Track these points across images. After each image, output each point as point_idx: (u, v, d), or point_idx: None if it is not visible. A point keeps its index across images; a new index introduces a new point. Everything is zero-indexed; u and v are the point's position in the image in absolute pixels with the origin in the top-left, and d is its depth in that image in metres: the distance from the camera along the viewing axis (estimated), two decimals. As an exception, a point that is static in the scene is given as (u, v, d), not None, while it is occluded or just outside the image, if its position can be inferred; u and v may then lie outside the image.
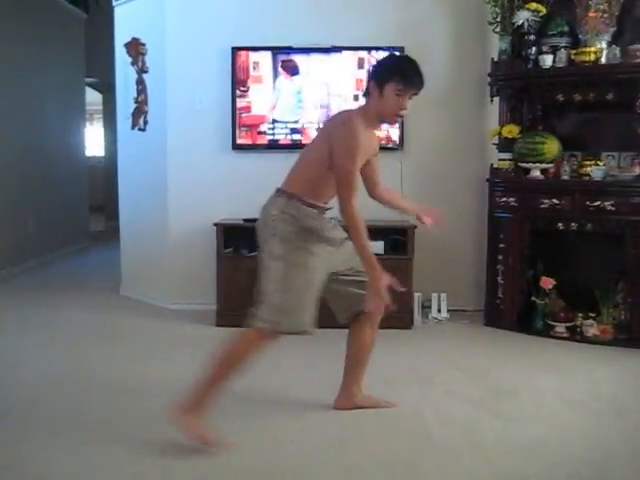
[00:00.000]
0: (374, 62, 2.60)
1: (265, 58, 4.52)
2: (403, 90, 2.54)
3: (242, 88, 4.55)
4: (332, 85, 4.52)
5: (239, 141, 4.60)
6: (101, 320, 4.46)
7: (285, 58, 4.52)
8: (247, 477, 2.29)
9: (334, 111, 4.51)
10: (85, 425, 2.71)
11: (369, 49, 4.48)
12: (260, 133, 4.59)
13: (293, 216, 2.52)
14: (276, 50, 4.51)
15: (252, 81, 4.54)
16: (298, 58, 4.51)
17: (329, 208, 2.64)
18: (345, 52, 4.49)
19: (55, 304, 4.85)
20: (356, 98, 4.37)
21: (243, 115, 4.56)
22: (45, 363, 3.54)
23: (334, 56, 4.51)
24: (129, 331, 4.22)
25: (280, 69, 4.53)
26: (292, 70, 4.53)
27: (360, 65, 4.48)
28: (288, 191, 2.58)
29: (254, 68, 4.53)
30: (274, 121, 4.56)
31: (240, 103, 4.56)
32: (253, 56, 4.52)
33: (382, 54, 4.46)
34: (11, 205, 6.07)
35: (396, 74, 2.56)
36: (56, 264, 6.63)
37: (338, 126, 2.58)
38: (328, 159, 2.51)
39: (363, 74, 4.46)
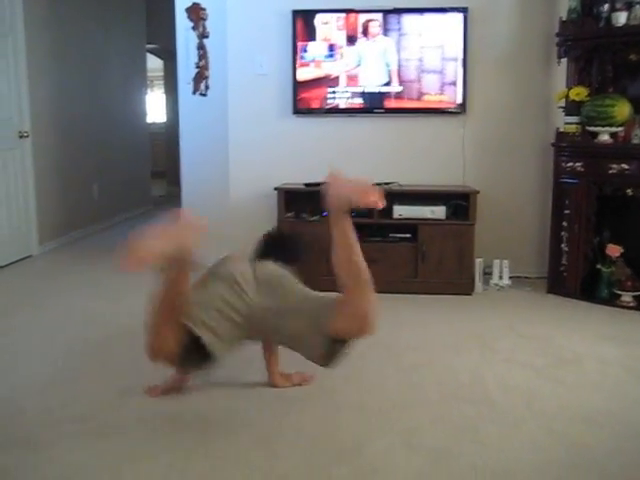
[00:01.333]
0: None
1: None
2: None
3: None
4: (401, 49, 4.45)
5: (300, 105, 4.58)
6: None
7: (364, 20, 4.44)
8: (308, 438, 2.33)
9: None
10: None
11: (432, 11, 4.39)
12: (322, 97, 4.55)
13: None
14: (336, 12, 4.45)
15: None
16: (367, 19, 4.44)
17: None
18: (412, 14, 4.41)
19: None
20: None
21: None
22: (111, 319, 3.69)
23: (396, 18, 4.41)
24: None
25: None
26: (368, 32, 4.46)
27: (425, 29, 4.41)
28: None
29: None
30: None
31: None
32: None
33: (446, 16, 4.38)
34: (77, 171, 6.24)
35: None
36: (120, 228, 6.80)
37: None
38: None
39: (429, 37, 4.39)
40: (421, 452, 2.22)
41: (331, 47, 4.49)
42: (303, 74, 4.54)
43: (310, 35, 4.49)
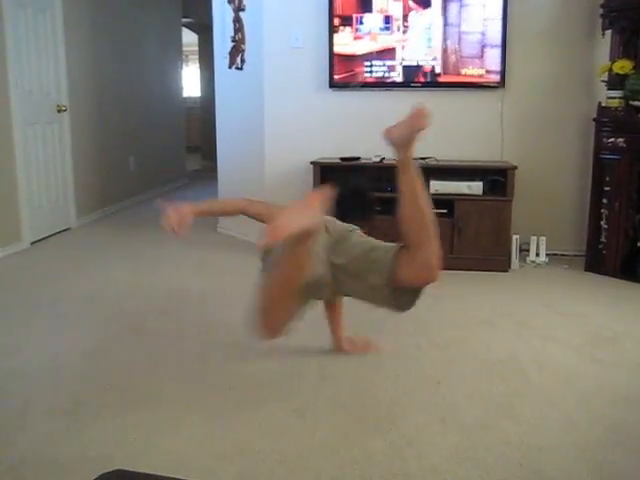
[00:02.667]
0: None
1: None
2: None
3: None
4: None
5: (337, 78, 4.53)
6: (200, 255, 4.61)
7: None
8: (344, 410, 2.34)
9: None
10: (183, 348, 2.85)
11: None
12: (360, 71, 4.49)
13: None
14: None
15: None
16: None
17: None
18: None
19: (155, 239, 5.01)
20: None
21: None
22: (147, 290, 3.73)
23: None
24: (226, 266, 4.35)
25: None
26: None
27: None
28: None
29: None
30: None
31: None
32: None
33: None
34: (114, 145, 6.30)
35: None
36: (155, 201, 6.85)
37: None
38: None
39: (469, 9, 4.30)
40: (456, 427, 2.21)
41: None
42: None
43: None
